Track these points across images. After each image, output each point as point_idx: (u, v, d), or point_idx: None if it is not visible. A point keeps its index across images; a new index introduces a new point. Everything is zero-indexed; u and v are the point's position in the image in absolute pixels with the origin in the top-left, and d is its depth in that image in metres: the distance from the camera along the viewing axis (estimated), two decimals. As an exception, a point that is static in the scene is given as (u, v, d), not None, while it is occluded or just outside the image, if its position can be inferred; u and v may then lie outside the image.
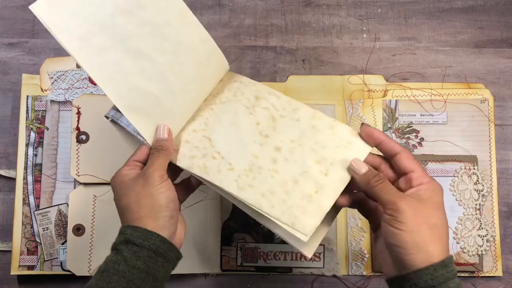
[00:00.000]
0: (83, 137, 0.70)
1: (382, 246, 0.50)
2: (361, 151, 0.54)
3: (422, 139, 0.74)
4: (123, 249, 0.48)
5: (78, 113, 0.70)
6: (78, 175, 0.69)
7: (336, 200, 0.52)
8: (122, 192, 0.51)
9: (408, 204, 0.46)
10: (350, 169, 0.52)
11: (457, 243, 0.71)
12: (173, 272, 0.70)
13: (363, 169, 0.51)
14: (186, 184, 0.57)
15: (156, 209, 0.50)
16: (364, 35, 0.78)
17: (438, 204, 0.48)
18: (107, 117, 0.60)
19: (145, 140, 0.54)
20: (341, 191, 0.52)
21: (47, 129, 0.73)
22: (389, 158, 0.52)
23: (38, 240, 0.71)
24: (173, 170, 0.55)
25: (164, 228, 0.50)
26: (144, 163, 0.54)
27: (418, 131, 0.74)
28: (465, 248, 0.71)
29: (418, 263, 0.45)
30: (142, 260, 0.48)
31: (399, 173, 0.51)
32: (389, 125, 0.74)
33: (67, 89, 0.73)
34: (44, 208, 0.71)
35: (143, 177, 0.51)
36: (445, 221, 0.48)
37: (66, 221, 0.71)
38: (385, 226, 0.47)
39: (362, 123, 0.54)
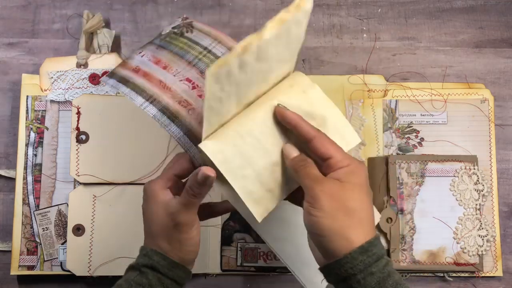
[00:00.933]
0: (83, 137, 0.70)
1: (309, 237, 0.48)
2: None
3: (422, 139, 0.74)
4: (148, 273, 0.50)
5: (78, 113, 0.70)
6: (78, 175, 0.69)
7: None
8: (155, 217, 0.51)
9: (324, 189, 0.44)
10: (284, 153, 0.49)
11: (457, 243, 0.71)
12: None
13: (294, 153, 0.48)
14: (211, 210, 0.57)
15: (184, 250, 0.51)
16: (364, 35, 0.78)
17: (357, 185, 0.45)
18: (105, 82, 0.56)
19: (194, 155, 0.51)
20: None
21: (47, 129, 0.73)
22: (305, 143, 0.48)
23: (38, 240, 0.71)
24: (205, 208, 0.56)
25: (187, 262, 0.53)
26: (183, 177, 0.52)
27: (418, 131, 0.74)
28: (465, 248, 0.71)
29: (339, 251, 0.43)
30: (164, 287, 0.50)
31: (320, 160, 0.48)
32: (389, 125, 0.74)
33: (67, 89, 0.73)
34: (44, 208, 0.71)
35: (174, 221, 0.50)
36: (366, 203, 0.45)
37: (66, 221, 0.70)
38: (305, 216, 0.45)
39: (278, 104, 0.50)
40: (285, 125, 0.49)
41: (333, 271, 0.44)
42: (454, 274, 0.72)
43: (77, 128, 0.70)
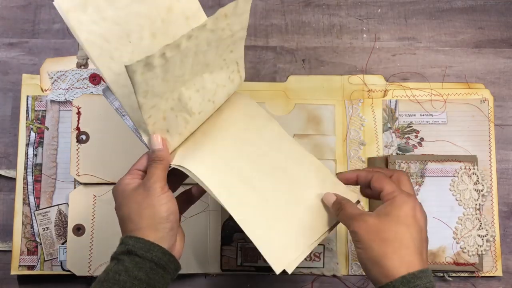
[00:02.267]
0: (83, 137, 0.70)
1: None
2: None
3: (422, 139, 0.74)
4: (125, 259, 0.49)
5: (78, 113, 0.70)
6: (78, 175, 0.69)
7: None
8: (123, 201, 0.51)
9: (359, 223, 0.48)
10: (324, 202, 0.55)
11: (457, 243, 0.71)
12: (173, 272, 0.70)
13: (332, 199, 0.54)
14: (187, 195, 0.57)
15: (157, 220, 0.50)
16: (364, 35, 0.78)
17: (395, 216, 0.48)
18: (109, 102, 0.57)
19: (146, 144, 0.53)
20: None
21: (47, 129, 0.73)
22: (367, 186, 0.54)
23: (38, 240, 0.71)
24: (174, 182, 0.55)
25: (164, 240, 0.50)
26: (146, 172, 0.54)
27: (418, 131, 0.74)
28: (465, 248, 0.71)
29: (379, 279, 0.46)
30: (143, 271, 0.48)
31: (377, 194, 0.53)
32: (389, 125, 0.74)
33: (67, 89, 0.73)
34: (44, 208, 0.71)
35: (143, 187, 0.51)
36: (403, 233, 0.47)
37: (66, 221, 0.71)
38: (355, 250, 0.50)
39: (337, 173, 0.56)
40: (351, 183, 0.56)
41: None
42: (454, 274, 0.72)
43: (77, 128, 0.70)
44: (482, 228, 0.72)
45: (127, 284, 0.47)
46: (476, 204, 0.72)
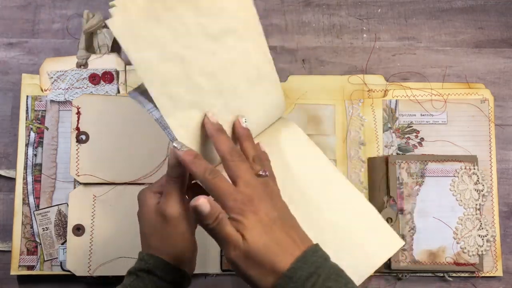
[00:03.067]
0: (83, 137, 0.70)
1: None
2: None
3: (422, 139, 0.74)
4: (145, 277, 0.50)
5: (78, 113, 0.70)
6: (78, 175, 0.69)
7: None
8: (146, 219, 0.52)
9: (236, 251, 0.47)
10: None
11: (457, 243, 0.71)
12: (173, 272, 0.70)
13: (206, 208, 0.47)
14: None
15: (178, 249, 0.51)
16: (364, 35, 0.78)
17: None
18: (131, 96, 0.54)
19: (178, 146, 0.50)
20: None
21: (47, 129, 0.73)
22: None
23: (38, 240, 0.71)
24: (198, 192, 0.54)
25: (184, 264, 0.52)
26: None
27: (418, 131, 0.74)
28: (465, 248, 0.71)
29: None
30: None
31: None
32: (389, 125, 0.74)
33: (67, 89, 0.73)
34: (44, 208, 0.71)
35: (161, 215, 0.50)
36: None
37: (66, 221, 0.70)
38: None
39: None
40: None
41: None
42: (454, 274, 0.72)
43: (77, 128, 0.70)
44: (482, 228, 0.71)
45: None
46: (476, 204, 0.72)
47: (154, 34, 0.46)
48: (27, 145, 0.72)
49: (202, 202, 0.44)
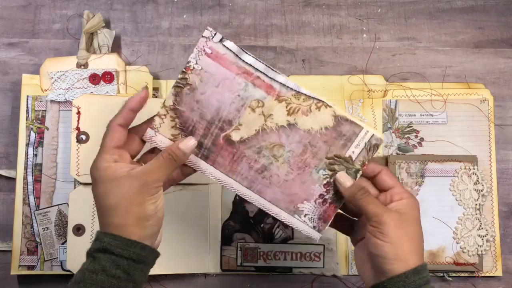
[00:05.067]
0: (83, 137, 0.70)
1: (363, 257, 0.52)
2: None
3: (422, 139, 0.74)
4: (101, 257, 0.47)
5: (78, 113, 0.70)
6: (78, 175, 0.69)
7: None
8: (110, 190, 0.48)
9: (391, 217, 0.49)
10: (336, 182, 0.53)
11: (457, 243, 0.71)
12: (174, 272, 0.70)
13: (348, 182, 0.52)
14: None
15: (146, 218, 0.48)
16: (364, 35, 0.78)
17: (416, 218, 0.51)
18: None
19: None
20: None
21: (47, 129, 0.73)
22: (371, 178, 0.54)
23: (38, 240, 0.71)
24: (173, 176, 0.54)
25: (149, 238, 0.49)
26: (122, 146, 0.50)
27: (418, 131, 0.74)
28: (465, 248, 0.71)
29: (395, 271, 0.48)
30: (121, 269, 0.47)
31: (381, 190, 0.53)
32: (389, 125, 0.74)
33: (67, 89, 0.73)
34: (44, 208, 0.71)
35: (138, 181, 0.48)
36: (422, 234, 0.51)
37: (66, 221, 0.71)
38: (369, 237, 0.50)
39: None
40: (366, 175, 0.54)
41: (383, 285, 0.49)
42: (454, 274, 0.72)
43: (77, 128, 0.70)
44: (482, 228, 0.72)
45: (105, 283, 0.46)
46: (476, 204, 0.72)
47: None
48: (27, 145, 0.72)
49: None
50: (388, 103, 0.75)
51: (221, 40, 0.52)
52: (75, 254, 0.69)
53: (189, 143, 0.51)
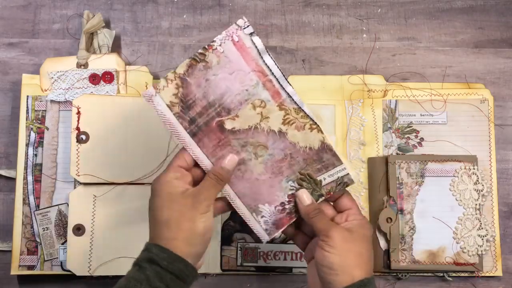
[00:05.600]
0: (83, 137, 0.70)
1: (313, 275, 0.54)
2: None
3: (422, 139, 0.74)
4: (147, 267, 0.49)
5: (78, 113, 0.70)
6: (78, 175, 0.69)
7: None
8: (166, 204, 0.51)
9: (338, 232, 0.52)
10: (296, 197, 0.56)
11: (457, 243, 0.71)
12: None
13: (308, 201, 0.55)
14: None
15: (194, 236, 0.51)
16: (364, 35, 0.78)
17: (365, 236, 0.54)
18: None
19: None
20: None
21: (47, 129, 0.73)
22: (333, 201, 0.58)
23: (38, 240, 0.71)
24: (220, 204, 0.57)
25: (195, 256, 0.52)
26: (189, 169, 0.54)
27: (418, 131, 0.74)
28: (465, 248, 0.71)
29: (340, 284, 0.50)
30: (164, 283, 0.49)
31: (339, 211, 0.57)
32: (389, 125, 0.74)
33: (67, 89, 0.73)
34: (44, 208, 0.71)
35: (192, 199, 0.51)
36: (369, 251, 0.54)
37: (66, 221, 0.71)
38: (318, 251, 0.53)
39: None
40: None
41: None
42: (454, 274, 0.72)
43: (77, 128, 0.70)
44: (482, 228, 0.72)
45: None
46: (476, 204, 0.72)
47: None
48: (27, 145, 0.72)
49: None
50: (388, 103, 0.75)
51: (251, 34, 0.53)
52: (75, 254, 0.69)
53: (232, 160, 0.54)
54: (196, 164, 0.55)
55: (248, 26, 0.53)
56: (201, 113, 0.54)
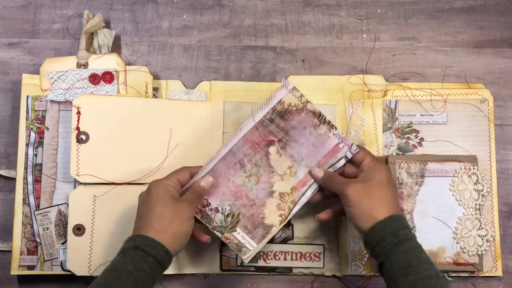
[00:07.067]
0: (83, 137, 0.70)
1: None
2: None
3: (422, 139, 0.74)
4: (131, 253, 0.55)
5: (78, 113, 0.70)
6: (78, 175, 0.69)
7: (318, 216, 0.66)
8: (162, 201, 0.59)
9: (350, 188, 0.60)
10: (312, 176, 0.65)
11: (457, 243, 0.71)
12: (174, 272, 0.71)
13: (320, 174, 0.64)
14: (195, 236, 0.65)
15: (179, 235, 0.59)
16: (364, 35, 0.78)
17: (378, 179, 0.60)
18: None
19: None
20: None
21: (47, 129, 0.73)
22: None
23: (38, 240, 0.71)
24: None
25: (175, 250, 0.58)
26: (182, 185, 0.63)
27: (418, 131, 0.74)
28: (465, 248, 0.71)
29: (366, 226, 0.58)
30: (147, 265, 0.55)
31: (357, 166, 0.64)
32: (389, 125, 0.74)
33: (67, 89, 0.73)
34: (44, 208, 0.71)
35: (180, 205, 0.60)
36: (385, 191, 0.60)
37: (66, 221, 0.70)
38: (345, 209, 0.61)
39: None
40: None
41: (366, 242, 0.58)
42: (453, 274, 0.72)
43: (77, 128, 0.70)
44: (482, 228, 0.72)
45: (134, 273, 0.54)
46: (476, 204, 0.72)
47: None
48: (27, 145, 0.72)
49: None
50: (388, 103, 0.75)
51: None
52: (75, 254, 0.69)
53: (207, 181, 0.64)
54: (183, 171, 0.64)
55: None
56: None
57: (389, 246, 0.56)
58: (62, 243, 0.71)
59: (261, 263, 0.71)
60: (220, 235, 0.65)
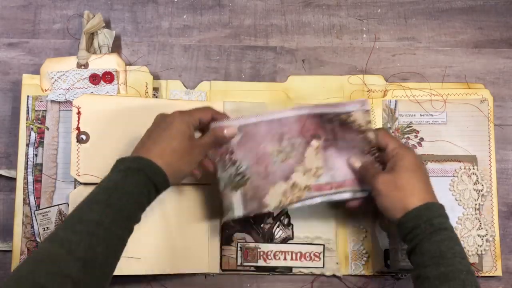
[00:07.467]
0: (84, 137, 0.70)
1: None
2: None
3: (421, 139, 0.74)
4: (134, 174, 0.56)
5: (79, 113, 0.70)
6: (78, 175, 0.69)
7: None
8: (181, 138, 0.59)
9: (378, 180, 0.59)
10: (351, 164, 0.65)
11: (457, 243, 0.71)
12: (174, 272, 0.70)
13: (357, 164, 0.64)
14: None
15: (181, 172, 0.60)
16: (364, 35, 0.78)
17: (405, 167, 0.59)
18: None
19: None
20: None
21: (48, 129, 0.73)
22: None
23: (38, 240, 0.71)
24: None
25: (172, 183, 0.59)
26: (201, 125, 0.62)
27: (418, 131, 0.74)
28: (464, 248, 0.71)
29: (399, 215, 0.57)
30: (147, 189, 0.56)
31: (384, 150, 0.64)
32: (389, 125, 0.74)
33: (67, 89, 0.73)
34: (44, 208, 0.71)
35: (192, 146, 0.60)
36: (414, 178, 0.59)
37: (67, 221, 0.70)
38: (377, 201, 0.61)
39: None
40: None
41: (400, 229, 0.58)
42: (453, 274, 0.72)
43: (78, 128, 0.70)
44: (481, 228, 0.72)
45: (135, 195, 0.55)
46: (475, 204, 0.72)
47: None
48: (27, 145, 0.72)
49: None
50: (388, 103, 0.75)
51: None
52: (75, 254, 0.69)
53: (231, 131, 0.62)
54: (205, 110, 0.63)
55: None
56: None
57: (423, 234, 0.55)
58: (62, 243, 0.71)
59: (261, 263, 0.71)
60: (221, 187, 0.64)
